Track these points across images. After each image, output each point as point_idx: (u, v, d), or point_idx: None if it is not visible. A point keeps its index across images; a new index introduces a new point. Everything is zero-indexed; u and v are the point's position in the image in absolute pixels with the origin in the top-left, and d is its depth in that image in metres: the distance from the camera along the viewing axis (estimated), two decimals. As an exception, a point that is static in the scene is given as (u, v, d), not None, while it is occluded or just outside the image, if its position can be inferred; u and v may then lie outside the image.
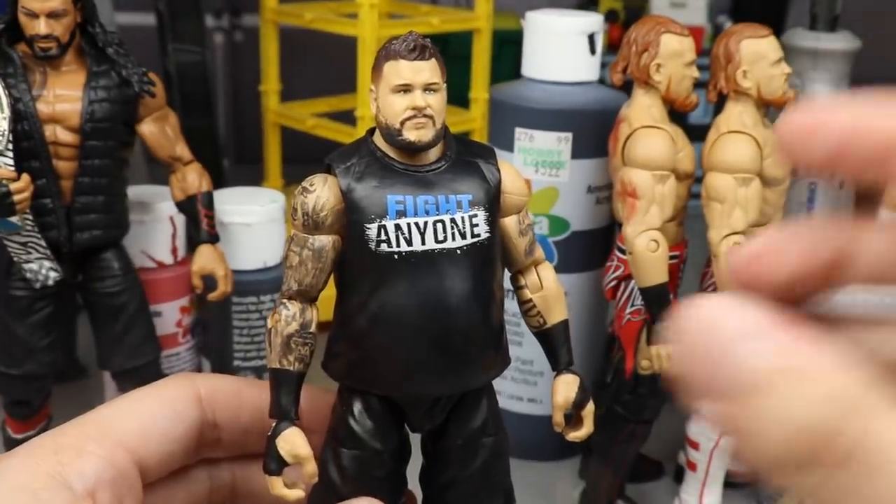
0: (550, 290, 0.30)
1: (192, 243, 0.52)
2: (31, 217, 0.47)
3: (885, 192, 0.19)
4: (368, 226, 0.27)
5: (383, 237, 0.27)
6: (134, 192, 0.54)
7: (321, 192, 0.27)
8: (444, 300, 0.27)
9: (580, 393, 0.30)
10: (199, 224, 0.51)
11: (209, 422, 0.29)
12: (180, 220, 0.56)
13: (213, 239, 0.52)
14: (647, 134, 0.47)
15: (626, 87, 0.50)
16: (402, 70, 0.27)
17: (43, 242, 0.48)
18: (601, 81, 0.55)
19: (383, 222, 0.27)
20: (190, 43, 0.79)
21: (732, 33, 0.48)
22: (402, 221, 0.27)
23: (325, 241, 0.27)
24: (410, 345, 0.27)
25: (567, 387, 0.30)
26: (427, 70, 0.27)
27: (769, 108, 0.48)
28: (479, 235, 0.28)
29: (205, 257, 0.51)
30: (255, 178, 0.85)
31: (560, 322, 0.31)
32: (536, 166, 0.53)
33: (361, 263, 0.27)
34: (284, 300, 0.28)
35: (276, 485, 0.27)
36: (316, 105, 0.84)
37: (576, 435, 0.30)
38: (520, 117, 0.53)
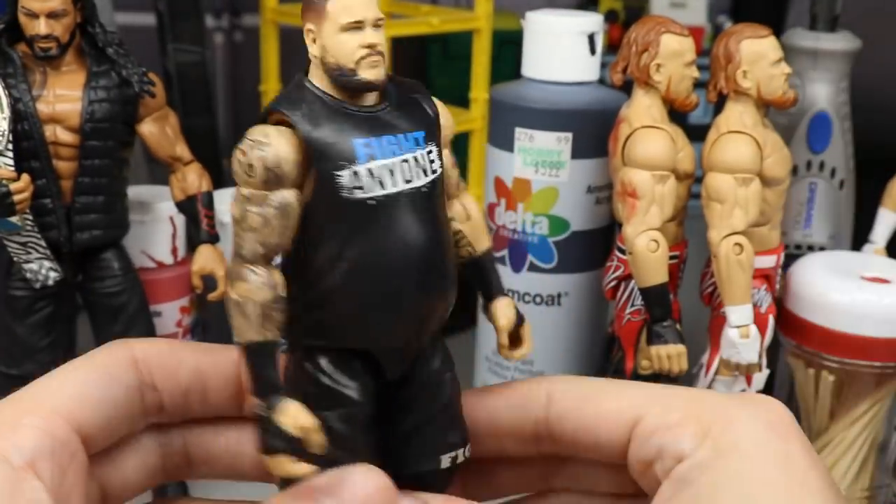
0: (476, 218, 0.31)
1: (192, 243, 0.52)
2: (30, 217, 0.47)
3: None
4: (339, 173, 0.26)
5: (357, 183, 0.26)
6: (134, 192, 0.54)
7: (278, 143, 0.26)
8: (418, 240, 0.27)
9: (517, 313, 0.30)
10: (199, 224, 0.51)
11: (148, 384, 0.29)
12: (180, 220, 0.56)
13: (214, 239, 0.52)
14: (647, 134, 0.47)
15: (626, 87, 0.50)
16: (354, 6, 0.26)
17: (43, 242, 0.48)
18: (601, 81, 0.55)
19: (355, 167, 0.26)
20: (190, 43, 0.79)
21: (732, 33, 0.48)
22: (374, 165, 0.26)
23: (288, 195, 0.26)
24: (394, 291, 0.27)
25: (507, 308, 0.30)
26: (374, 5, 0.26)
27: (769, 108, 0.48)
28: (436, 171, 0.27)
29: (205, 257, 0.51)
30: (255, 178, 0.85)
31: (487, 249, 0.31)
32: (536, 166, 0.53)
33: (331, 214, 0.26)
34: (249, 266, 0.26)
35: (285, 464, 0.26)
36: (316, 105, 0.84)
37: (521, 353, 0.30)
38: (520, 117, 0.53)
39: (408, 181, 0.27)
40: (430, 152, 0.27)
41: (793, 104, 0.48)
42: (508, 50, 0.86)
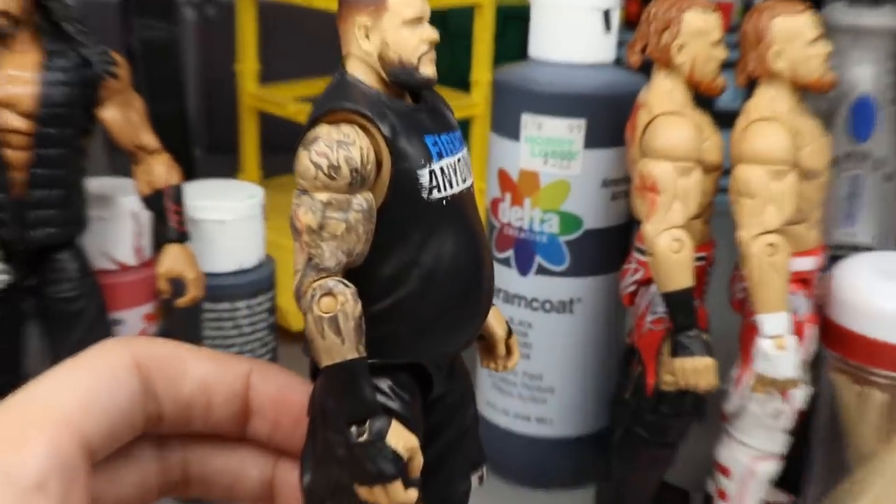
0: None
1: (159, 242, 0.52)
2: (-24, 213, 0.47)
3: None
4: (420, 172, 0.26)
5: (434, 182, 0.27)
6: (93, 184, 0.53)
7: (362, 142, 0.26)
8: (480, 240, 0.28)
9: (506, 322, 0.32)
10: (167, 221, 0.51)
11: (150, 392, 0.29)
12: (145, 216, 0.56)
13: (183, 237, 0.51)
14: (669, 121, 0.47)
15: (646, 69, 0.50)
16: (415, 0, 0.27)
17: (-9, 242, 0.48)
18: (618, 62, 0.55)
19: (432, 167, 0.27)
20: (157, 18, 0.79)
21: (764, 9, 0.47)
22: (444, 163, 0.27)
23: (370, 198, 0.26)
24: (468, 295, 0.27)
25: (500, 316, 0.32)
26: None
27: (806, 93, 0.48)
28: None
29: (172, 258, 0.51)
30: (229, 169, 0.85)
31: None
32: (545, 157, 0.53)
33: (409, 216, 0.27)
34: (336, 278, 0.26)
35: (398, 490, 0.26)
36: (298, 88, 0.84)
37: (513, 363, 0.32)
38: (527, 102, 0.53)
39: (464, 180, 0.28)
40: (464, 150, 0.28)
41: (831, 88, 0.48)
42: (514, 27, 0.86)
